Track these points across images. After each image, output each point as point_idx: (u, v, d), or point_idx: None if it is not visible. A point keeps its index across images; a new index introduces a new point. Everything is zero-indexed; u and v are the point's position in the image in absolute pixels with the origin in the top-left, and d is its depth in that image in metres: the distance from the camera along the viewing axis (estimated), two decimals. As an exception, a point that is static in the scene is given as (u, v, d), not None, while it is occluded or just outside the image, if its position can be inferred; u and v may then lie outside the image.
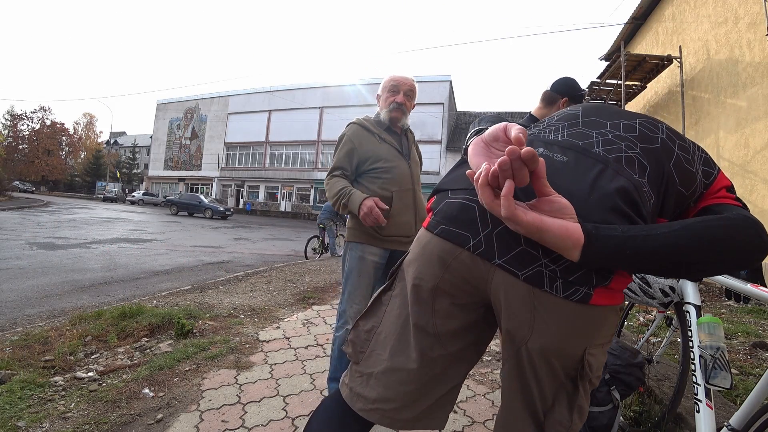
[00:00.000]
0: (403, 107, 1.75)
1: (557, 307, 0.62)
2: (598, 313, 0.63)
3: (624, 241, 0.56)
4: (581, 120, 0.79)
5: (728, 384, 1.12)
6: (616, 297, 0.66)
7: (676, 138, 0.77)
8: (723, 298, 4.62)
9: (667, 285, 1.48)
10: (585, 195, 0.62)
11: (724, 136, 6.19)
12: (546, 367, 0.66)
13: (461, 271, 0.68)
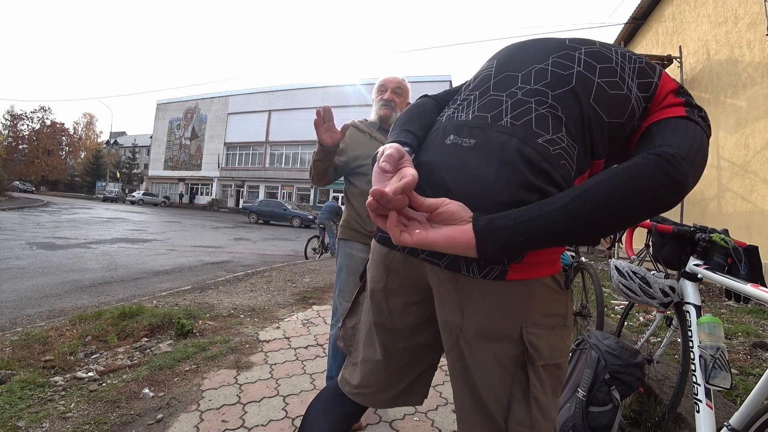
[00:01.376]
0: (391, 104, 1.78)
1: (478, 287, 0.64)
2: (521, 288, 0.64)
3: (515, 229, 0.55)
4: (492, 82, 0.75)
5: (728, 384, 1.12)
6: (538, 270, 0.65)
7: (597, 62, 0.71)
8: (723, 298, 4.62)
9: (667, 285, 1.48)
10: (491, 179, 0.61)
11: (724, 136, 6.19)
12: (488, 355, 0.66)
13: (402, 271, 0.73)
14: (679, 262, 1.53)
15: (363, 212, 1.70)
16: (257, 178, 32.85)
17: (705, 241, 1.43)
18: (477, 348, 0.67)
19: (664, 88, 0.72)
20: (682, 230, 1.52)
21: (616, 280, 1.59)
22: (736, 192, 5.85)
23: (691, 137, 0.66)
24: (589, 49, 0.73)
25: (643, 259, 1.72)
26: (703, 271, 1.37)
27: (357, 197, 1.72)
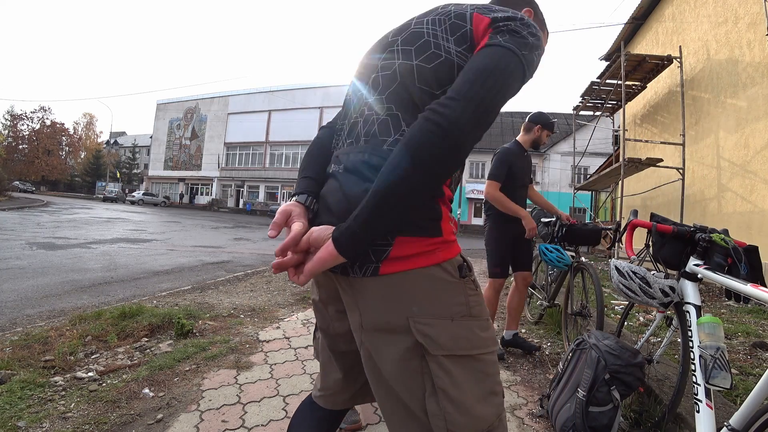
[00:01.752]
0: None
1: (363, 286, 0.69)
2: (398, 281, 0.67)
3: (354, 228, 0.62)
4: (351, 107, 0.83)
5: (728, 384, 1.12)
6: (412, 261, 0.67)
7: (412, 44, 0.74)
8: (723, 298, 4.62)
9: (667, 285, 1.48)
10: (359, 194, 0.67)
11: (724, 136, 6.19)
12: (389, 349, 0.69)
13: (324, 283, 0.81)
14: (679, 262, 1.53)
15: None
16: (257, 178, 32.85)
17: (705, 241, 1.43)
18: (378, 343, 0.71)
19: (479, 28, 0.71)
20: (682, 230, 1.52)
21: (616, 280, 1.59)
22: (736, 192, 5.85)
23: (476, 67, 0.64)
24: (405, 36, 0.76)
25: (643, 259, 1.72)
26: (703, 271, 1.37)
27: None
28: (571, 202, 12.49)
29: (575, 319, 2.62)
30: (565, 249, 2.71)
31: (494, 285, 2.66)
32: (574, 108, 11.33)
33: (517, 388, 2.12)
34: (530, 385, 2.17)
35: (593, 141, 12.28)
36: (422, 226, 0.69)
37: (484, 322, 0.74)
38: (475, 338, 0.71)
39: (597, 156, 19.54)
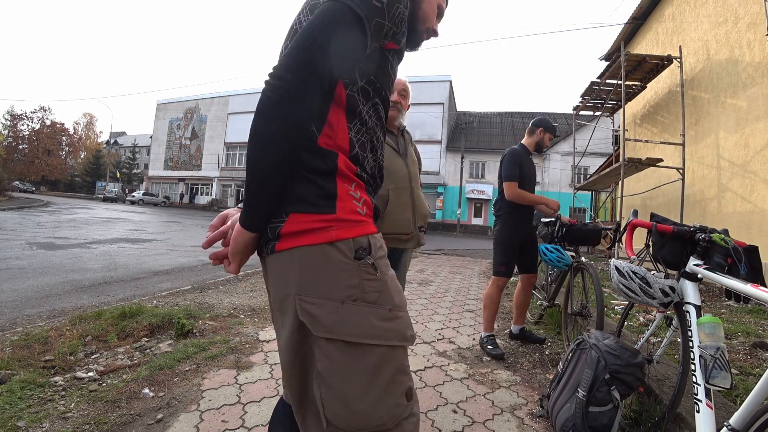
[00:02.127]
0: (398, 105, 1.77)
1: (267, 264, 0.74)
2: (287, 257, 0.69)
3: (245, 198, 0.69)
4: None
5: (728, 384, 1.12)
6: (302, 238, 0.68)
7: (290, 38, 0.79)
8: (723, 298, 4.62)
9: (667, 285, 1.48)
10: None
11: (724, 136, 6.18)
12: (286, 328, 0.71)
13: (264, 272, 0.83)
14: (679, 262, 1.53)
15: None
16: (257, 178, 32.81)
17: (705, 241, 1.43)
18: (277, 323, 0.74)
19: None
20: (682, 230, 1.52)
21: (616, 280, 1.59)
22: (736, 192, 5.85)
23: (309, 24, 0.67)
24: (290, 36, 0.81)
25: (643, 259, 1.72)
26: (703, 271, 1.37)
27: None
28: (571, 202, 12.49)
29: (575, 319, 2.62)
30: (565, 249, 2.71)
31: (497, 283, 2.72)
32: (574, 108, 11.33)
33: (517, 388, 2.12)
34: (530, 385, 2.17)
35: (593, 141, 12.28)
36: (313, 202, 0.69)
37: (383, 311, 0.69)
38: (368, 325, 0.67)
39: (597, 156, 19.54)
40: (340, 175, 0.72)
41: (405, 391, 0.71)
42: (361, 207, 0.74)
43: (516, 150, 2.71)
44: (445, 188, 27.06)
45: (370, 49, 0.73)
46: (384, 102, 0.82)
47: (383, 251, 0.74)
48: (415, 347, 2.67)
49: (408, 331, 0.73)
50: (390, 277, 0.73)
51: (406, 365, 0.73)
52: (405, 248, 1.81)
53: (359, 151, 0.76)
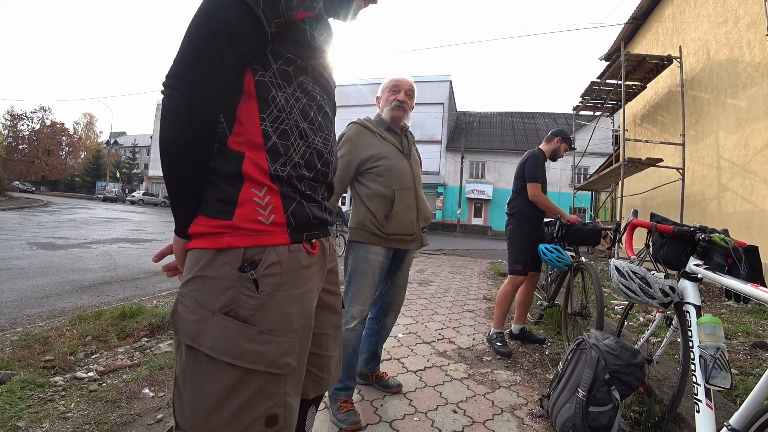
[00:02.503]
0: (405, 105, 1.76)
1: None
2: (188, 258, 0.70)
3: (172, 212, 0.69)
4: None
5: (728, 384, 1.12)
6: (198, 241, 0.68)
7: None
8: (723, 298, 4.62)
9: (668, 285, 1.48)
10: None
11: (724, 136, 6.18)
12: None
13: None
14: (679, 262, 1.53)
15: (380, 214, 1.67)
16: (257, 178, 32.82)
17: (705, 241, 1.43)
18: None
19: None
20: (682, 230, 1.52)
21: (616, 280, 1.59)
22: (736, 192, 5.85)
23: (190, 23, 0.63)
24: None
25: (643, 259, 1.72)
26: (703, 271, 1.37)
27: (372, 199, 1.69)
28: (571, 202, 12.49)
29: (575, 319, 2.62)
30: (565, 249, 2.71)
31: (513, 281, 2.77)
32: (574, 108, 11.33)
33: (517, 388, 2.12)
34: (530, 385, 2.17)
35: (593, 141, 12.28)
36: (213, 206, 0.67)
37: (253, 332, 0.64)
38: (231, 344, 0.63)
39: (597, 156, 19.54)
40: (247, 179, 0.67)
41: (265, 417, 0.66)
42: (266, 215, 0.67)
43: (538, 154, 2.81)
44: (445, 188, 27.06)
45: (274, 26, 0.66)
46: (316, 77, 0.76)
47: (278, 268, 0.67)
48: (415, 347, 2.67)
49: (282, 358, 0.66)
50: (277, 298, 0.66)
51: (273, 391, 0.67)
52: (408, 249, 1.81)
53: (278, 140, 0.70)
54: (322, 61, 0.78)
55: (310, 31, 0.73)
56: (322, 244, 0.78)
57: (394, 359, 2.42)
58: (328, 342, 0.86)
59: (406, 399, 1.91)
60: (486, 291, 5.03)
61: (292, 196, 0.71)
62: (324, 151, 0.78)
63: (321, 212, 0.77)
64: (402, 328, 3.08)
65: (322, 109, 0.78)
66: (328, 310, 0.87)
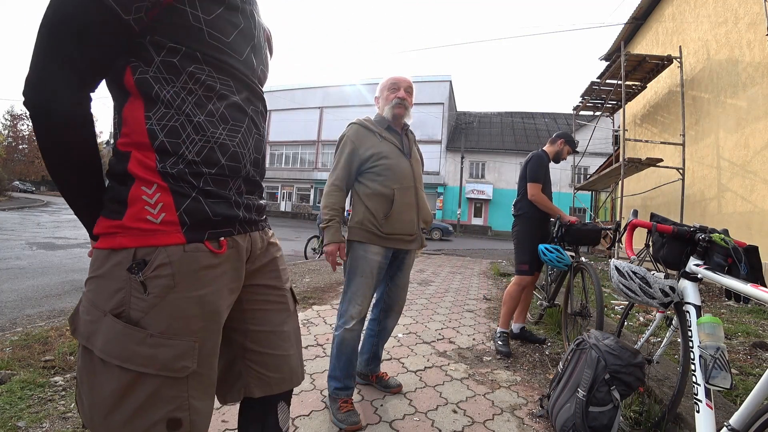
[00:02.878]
0: (405, 102, 1.75)
1: None
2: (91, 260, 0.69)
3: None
4: None
5: (728, 384, 1.12)
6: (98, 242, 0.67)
7: None
8: (723, 298, 4.62)
9: (668, 285, 1.48)
10: None
11: (724, 136, 6.19)
12: None
13: None
14: (679, 262, 1.53)
15: (379, 213, 1.67)
16: (257, 178, 32.82)
17: (705, 241, 1.43)
18: None
19: None
20: (682, 230, 1.52)
21: (616, 280, 1.59)
22: (736, 192, 5.85)
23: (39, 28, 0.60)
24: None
25: (643, 259, 1.72)
26: (703, 271, 1.37)
27: (371, 198, 1.69)
28: (571, 202, 12.49)
29: (575, 319, 2.62)
30: (564, 249, 2.72)
31: (519, 282, 2.77)
32: (574, 108, 11.33)
33: (517, 388, 2.13)
34: (530, 385, 2.17)
35: (593, 141, 12.28)
36: (108, 207, 0.66)
37: (143, 334, 0.62)
38: (121, 346, 0.61)
39: (597, 156, 19.53)
40: (136, 178, 0.65)
41: (166, 420, 0.64)
42: (155, 214, 0.64)
43: (542, 155, 2.82)
44: (445, 188, 27.06)
45: (135, 13, 0.60)
46: (216, 64, 0.70)
47: (169, 269, 0.64)
48: (415, 347, 2.67)
49: (177, 362, 0.64)
50: (169, 300, 0.64)
51: (171, 395, 0.65)
52: (409, 249, 1.81)
53: (166, 139, 0.65)
54: (222, 44, 0.70)
55: (192, 11, 0.65)
56: (236, 242, 0.74)
57: (394, 359, 2.42)
58: (273, 340, 0.84)
59: (406, 399, 1.91)
60: (486, 291, 5.03)
61: (186, 193, 0.67)
62: (230, 144, 0.72)
63: (230, 209, 0.73)
64: (402, 328, 3.08)
65: (225, 98, 0.72)
66: (272, 306, 0.85)
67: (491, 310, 3.93)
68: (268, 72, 0.89)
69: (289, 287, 0.91)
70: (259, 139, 0.81)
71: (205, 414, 0.71)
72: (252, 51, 0.78)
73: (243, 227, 0.76)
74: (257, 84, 0.81)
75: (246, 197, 0.78)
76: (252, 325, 0.82)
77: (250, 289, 0.82)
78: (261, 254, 0.84)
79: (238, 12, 0.72)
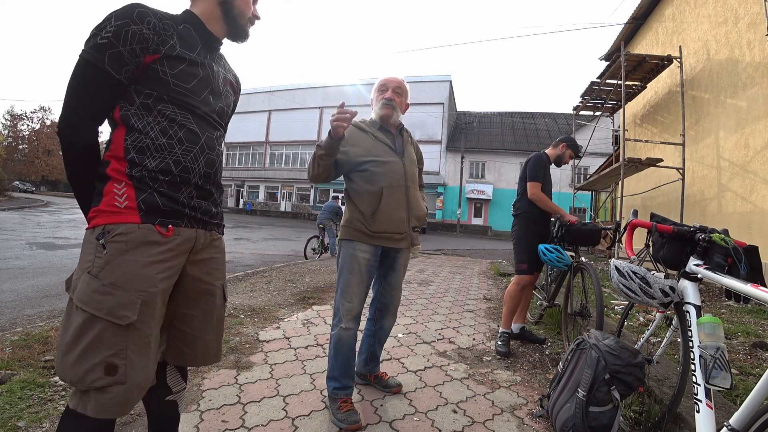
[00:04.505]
0: (392, 103, 1.77)
1: None
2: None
3: None
4: None
5: (728, 384, 1.12)
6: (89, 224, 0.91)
7: None
8: (723, 298, 4.62)
9: (668, 285, 1.48)
10: None
11: (724, 136, 6.18)
12: None
13: None
14: (679, 262, 1.53)
15: (367, 212, 1.68)
16: (257, 178, 32.84)
17: (705, 241, 1.43)
18: None
19: None
20: (682, 230, 1.52)
21: (616, 280, 1.59)
22: (736, 192, 5.85)
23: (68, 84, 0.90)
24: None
25: (643, 259, 1.72)
26: (703, 271, 1.37)
27: (360, 196, 1.71)
28: (571, 202, 12.49)
29: (575, 319, 2.62)
30: (564, 249, 2.72)
31: (519, 281, 2.78)
32: (574, 108, 11.33)
33: (517, 388, 2.13)
34: (530, 385, 2.17)
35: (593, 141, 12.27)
36: (94, 199, 0.92)
37: (99, 284, 0.84)
38: (86, 293, 0.83)
39: (597, 156, 19.54)
40: (112, 178, 0.91)
41: (104, 364, 0.82)
42: (121, 201, 0.90)
43: (541, 155, 2.84)
44: (445, 188, 27.06)
45: (125, 73, 0.89)
46: (178, 103, 0.95)
47: (124, 237, 0.87)
48: (415, 347, 2.67)
49: (120, 310, 0.84)
50: (122, 259, 0.86)
51: (112, 340, 0.83)
52: (400, 248, 1.81)
53: (135, 154, 0.91)
54: (183, 89, 0.96)
55: (161, 69, 0.93)
56: (181, 232, 0.96)
57: (394, 359, 2.42)
58: (194, 322, 1.05)
59: (406, 399, 1.91)
60: (486, 291, 5.03)
61: (144, 189, 0.92)
62: (183, 160, 0.96)
63: (177, 205, 0.96)
64: (402, 328, 3.08)
65: (184, 127, 0.97)
66: (202, 296, 1.05)
67: (491, 310, 3.92)
68: (229, 108, 1.15)
69: (220, 285, 1.11)
70: (212, 157, 1.04)
71: (142, 373, 0.87)
72: (210, 93, 1.04)
73: (191, 223, 1.00)
74: (214, 117, 1.06)
75: (196, 201, 1.01)
76: (182, 308, 1.03)
77: (188, 278, 1.02)
78: (203, 250, 1.05)
79: (198, 66, 1.00)
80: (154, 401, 1.12)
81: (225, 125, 1.14)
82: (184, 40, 0.97)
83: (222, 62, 1.13)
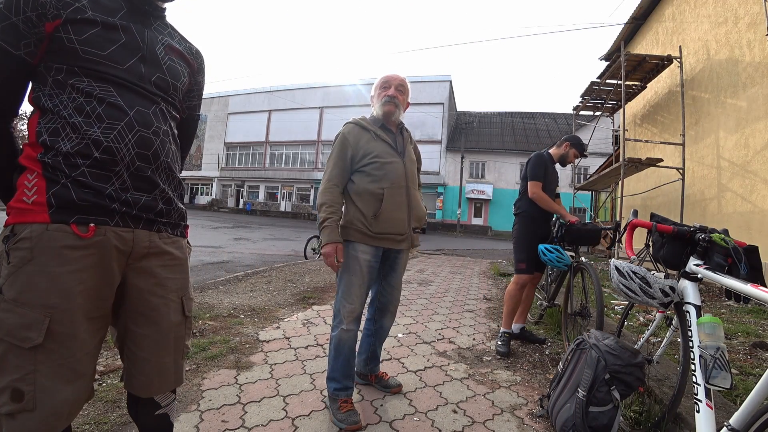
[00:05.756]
0: (395, 100, 1.76)
1: None
2: None
3: None
4: None
5: (728, 384, 1.12)
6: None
7: None
8: (723, 298, 4.62)
9: (668, 285, 1.48)
10: None
11: (724, 136, 6.18)
12: None
13: None
14: (679, 262, 1.53)
15: (368, 212, 1.67)
16: (257, 178, 32.85)
17: (705, 241, 1.43)
18: None
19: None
20: (682, 230, 1.52)
21: (616, 280, 1.59)
22: (736, 192, 5.85)
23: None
24: None
25: (643, 259, 1.72)
26: (703, 271, 1.37)
27: (361, 197, 1.69)
28: (571, 202, 12.49)
29: (575, 319, 2.62)
30: (564, 249, 2.72)
31: (518, 281, 2.77)
32: (574, 108, 11.33)
33: (517, 388, 2.12)
34: (530, 385, 2.17)
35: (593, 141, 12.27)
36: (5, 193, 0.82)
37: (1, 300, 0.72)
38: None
39: (597, 156, 19.52)
40: (25, 168, 0.80)
41: (10, 389, 0.71)
42: (29, 195, 0.77)
43: (543, 155, 2.82)
44: (445, 188, 27.06)
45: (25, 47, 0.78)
46: (91, 74, 0.82)
47: (28, 243, 0.74)
48: (415, 347, 2.67)
49: (22, 331, 0.71)
50: (24, 271, 0.73)
51: (17, 365, 0.71)
52: (400, 249, 1.80)
53: (48, 137, 0.79)
54: (97, 57, 0.82)
55: (66, 36, 0.79)
56: (109, 232, 0.81)
57: (394, 359, 2.42)
58: (145, 342, 0.89)
59: (406, 399, 1.91)
60: (486, 291, 5.03)
61: (57, 180, 0.78)
62: (104, 140, 0.81)
63: (101, 199, 0.81)
64: (402, 328, 3.08)
65: (103, 101, 0.82)
66: (151, 311, 0.90)
67: (491, 310, 3.92)
68: (178, 80, 0.98)
69: (177, 297, 0.95)
70: (147, 136, 0.87)
71: (58, 398, 0.74)
72: (140, 61, 0.89)
73: (124, 221, 0.84)
74: (149, 88, 0.90)
75: (132, 195, 0.85)
76: (132, 325, 0.89)
77: (133, 289, 0.88)
78: (149, 255, 0.89)
79: (118, 30, 0.86)
80: (143, 418, 1.00)
81: (172, 99, 0.96)
82: (97, 3, 0.84)
83: (166, 31, 1.00)
